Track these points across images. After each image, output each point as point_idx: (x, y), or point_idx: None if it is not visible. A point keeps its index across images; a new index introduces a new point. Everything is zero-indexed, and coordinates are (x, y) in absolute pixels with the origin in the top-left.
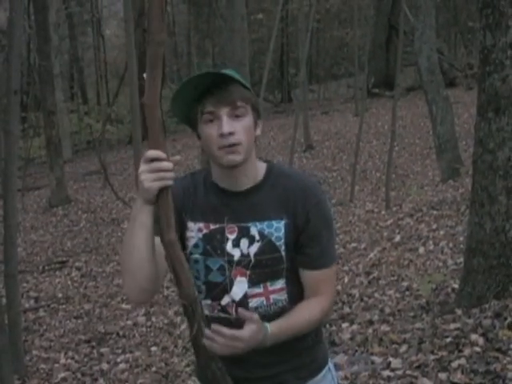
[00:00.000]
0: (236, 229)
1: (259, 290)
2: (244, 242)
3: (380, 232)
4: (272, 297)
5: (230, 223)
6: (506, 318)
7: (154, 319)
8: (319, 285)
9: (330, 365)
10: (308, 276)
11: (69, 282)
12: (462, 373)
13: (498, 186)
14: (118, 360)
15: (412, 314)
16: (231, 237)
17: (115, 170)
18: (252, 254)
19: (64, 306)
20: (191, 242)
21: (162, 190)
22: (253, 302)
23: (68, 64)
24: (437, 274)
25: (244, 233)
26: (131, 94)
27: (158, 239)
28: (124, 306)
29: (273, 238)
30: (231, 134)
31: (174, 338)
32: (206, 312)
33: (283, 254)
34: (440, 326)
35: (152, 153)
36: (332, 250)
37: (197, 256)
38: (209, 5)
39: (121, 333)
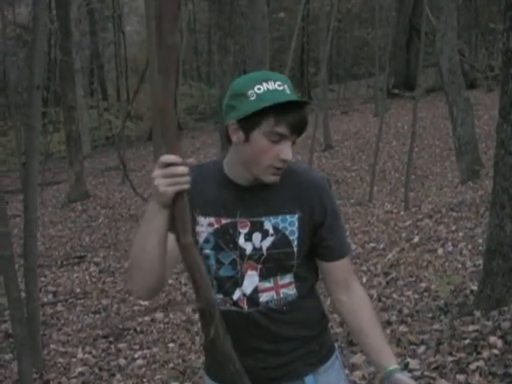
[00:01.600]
0: (248, 223)
1: (270, 284)
2: (256, 236)
3: (399, 233)
4: (282, 291)
5: (242, 218)
6: None
7: (171, 316)
8: (344, 275)
9: (337, 352)
10: (331, 267)
11: (87, 277)
12: (480, 375)
13: None
14: (136, 356)
15: (430, 315)
16: (243, 231)
17: (134, 166)
18: (264, 248)
19: (82, 301)
20: (202, 237)
21: (178, 194)
22: (263, 297)
23: (88, 60)
24: (455, 276)
25: (257, 227)
26: (151, 90)
27: (170, 236)
28: (142, 302)
29: (287, 232)
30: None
31: (191, 335)
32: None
33: (295, 249)
34: (458, 327)
35: (167, 157)
36: (346, 239)
37: (208, 251)
38: (230, 3)
39: (138, 329)
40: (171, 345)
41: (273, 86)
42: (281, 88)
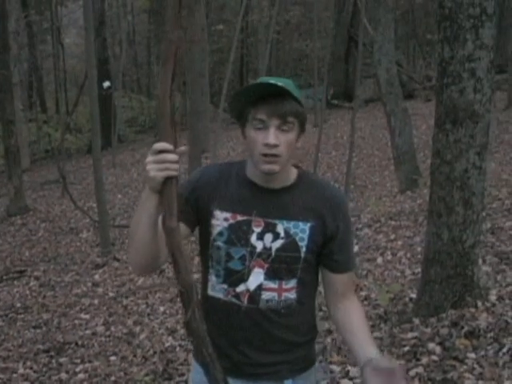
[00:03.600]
0: (262, 223)
1: (274, 285)
2: (268, 237)
3: None
4: (284, 294)
5: (257, 217)
6: (462, 327)
7: (113, 329)
8: (346, 287)
9: (317, 363)
10: (334, 278)
11: (27, 292)
12: (420, 381)
13: (455, 196)
14: (77, 370)
15: (370, 323)
16: (257, 230)
17: (74, 179)
18: (274, 249)
19: (22, 316)
20: (216, 230)
21: (167, 180)
22: (265, 295)
23: (27, 72)
24: (395, 284)
25: (270, 228)
26: (90, 102)
27: None
28: (83, 315)
29: (297, 238)
30: (275, 145)
31: (133, 348)
32: (220, 295)
33: (302, 255)
34: (398, 335)
35: (159, 145)
36: (353, 255)
37: (220, 244)
38: None
39: (79, 342)
40: (113, 358)
41: (257, 82)
42: (265, 81)
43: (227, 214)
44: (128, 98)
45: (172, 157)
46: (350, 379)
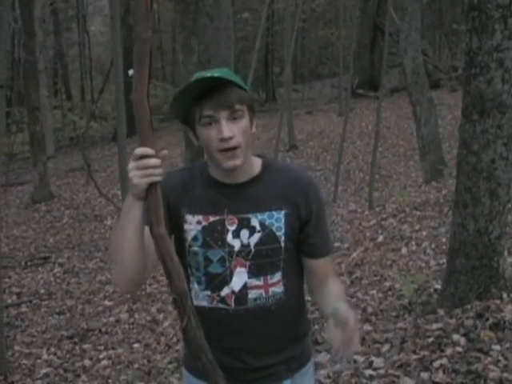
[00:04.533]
0: (236, 220)
1: (259, 282)
2: (244, 233)
3: (363, 232)
4: (271, 289)
5: (229, 215)
6: (487, 319)
7: (136, 316)
8: (325, 270)
9: (313, 359)
10: (314, 264)
11: (51, 278)
12: (444, 372)
13: (482, 187)
14: (101, 356)
15: (394, 313)
16: (231, 228)
17: (98, 166)
18: (252, 245)
19: (46, 302)
20: (190, 235)
21: (151, 186)
22: (252, 294)
23: (52, 60)
24: (419, 275)
25: (244, 224)
26: (116, 90)
27: (147, 230)
28: (107, 302)
29: (273, 228)
30: (231, 137)
31: (156, 335)
32: (205, 303)
33: (282, 244)
34: (422, 325)
35: (140, 150)
36: (330, 237)
37: (196, 249)
38: (195, 3)
39: (103, 329)
40: (136, 345)
41: (194, 79)
42: (201, 76)
43: (199, 217)
44: (153, 85)
45: (154, 161)
46: (374, 370)
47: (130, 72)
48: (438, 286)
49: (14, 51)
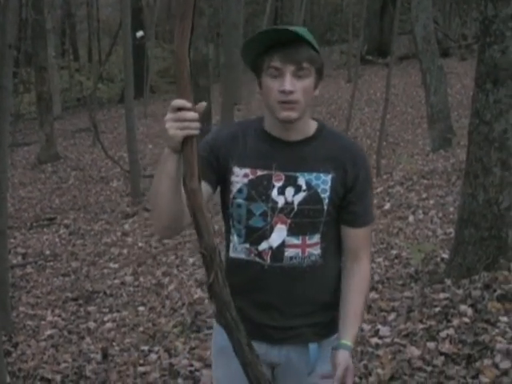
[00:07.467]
0: (283, 177)
1: (297, 241)
2: (289, 191)
3: None
4: (308, 250)
5: (277, 171)
6: (495, 290)
7: (141, 279)
8: (360, 244)
9: None
10: (351, 234)
11: (57, 240)
12: (451, 343)
13: (493, 157)
14: (105, 319)
15: (401, 282)
16: (277, 184)
17: (105, 128)
18: (296, 203)
19: (51, 263)
20: (236, 187)
21: (187, 139)
22: (289, 252)
23: (60, 20)
24: (426, 244)
25: (291, 181)
26: (124, 52)
27: None
28: (112, 265)
29: (319, 190)
30: (291, 92)
31: (161, 299)
32: (243, 256)
33: (325, 207)
34: (429, 295)
35: (178, 102)
36: (372, 209)
37: (240, 201)
38: None
39: (108, 292)
40: (141, 308)
41: (269, 28)
42: (280, 27)
43: (247, 170)
44: (161, 48)
45: (191, 115)
46: (380, 338)
47: (138, 34)
48: (446, 256)
49: (22, 11)
